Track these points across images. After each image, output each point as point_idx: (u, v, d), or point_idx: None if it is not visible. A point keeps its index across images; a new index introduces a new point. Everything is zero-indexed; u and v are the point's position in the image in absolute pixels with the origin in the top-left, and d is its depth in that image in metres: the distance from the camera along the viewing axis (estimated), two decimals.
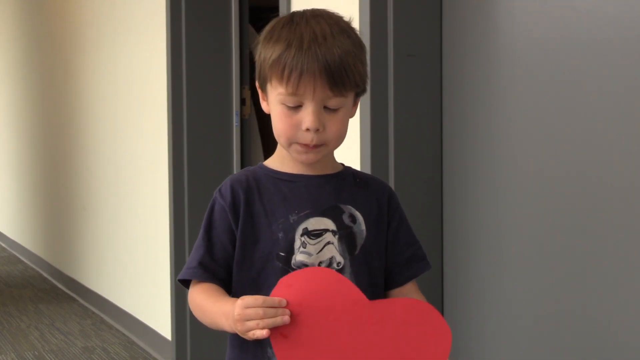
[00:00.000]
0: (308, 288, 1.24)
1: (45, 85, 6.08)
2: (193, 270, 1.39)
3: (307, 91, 1.31)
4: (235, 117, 3.71)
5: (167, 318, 3.80)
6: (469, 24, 2.19)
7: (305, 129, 1.33)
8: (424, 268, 1.48)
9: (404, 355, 1.26)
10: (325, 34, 1.33)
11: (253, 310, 1.23)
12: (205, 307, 1.36)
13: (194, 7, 3.63)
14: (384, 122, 2.23)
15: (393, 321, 1.26)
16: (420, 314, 1.28)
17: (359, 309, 1.26)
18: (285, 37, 1.33)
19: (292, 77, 1.31)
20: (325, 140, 1.35)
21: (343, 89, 1.33)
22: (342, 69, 1.32)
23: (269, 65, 1.34)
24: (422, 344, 1.27)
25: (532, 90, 1.99)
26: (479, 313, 2.18)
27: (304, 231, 1.37)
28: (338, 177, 1.43)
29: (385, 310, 1.27)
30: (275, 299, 1.24)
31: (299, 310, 1.24)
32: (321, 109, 1.33)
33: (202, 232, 1.41)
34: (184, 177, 3.65)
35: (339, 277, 1.29)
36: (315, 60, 1.30)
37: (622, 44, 1.76)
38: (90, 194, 5.06)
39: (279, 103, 1.35)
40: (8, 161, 7.40)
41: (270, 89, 1.37)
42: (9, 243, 7.35)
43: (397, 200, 1.48)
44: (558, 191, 1.94)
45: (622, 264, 1.77)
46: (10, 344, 4.16)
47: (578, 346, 1.89)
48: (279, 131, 1.36)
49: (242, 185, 1.40)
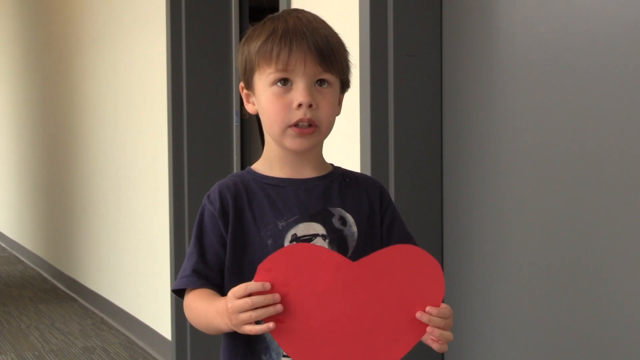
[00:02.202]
0: (288, 267, 1.22)
1: (46, 85, 6.08)
2: (188, 279, 1.37)
3: (298, 66, 1.33)
4: (235, 117, 3.71)
5: (167, 318, 3.80)
6: (469, 24, 2.19)
7: (297, 105, 1.33)
8: None
9: (403, 302, 1.25)
10: (309, 20, 1.37)
11: (242, 300, 1.21)
12: (199, 310, 1.33)
13: (194, 7, 3.63)
14: (384, 122, 2.23)
15: (382, 274, 1.25)
16: (406, 257, 1.26)
17: (345, 272, 1.24)
18: (267, 28, 1.36)
19: (281, 55, 1.32)
20: (318, 120, 1.35)
21: (331, 65, 1.35)
22: (329, 46, 1.35)
23: (255, 53, 1.35)
24: (416, 285, 1.25)
25: (532, 90, 1.99)
26: (479, 313, 2.18)
27: (293, 237, 1.36)
28: (327, 179, 1.42)
29: (371, 266, 1.25)
30: (259, 284, 1.21)
31: (287, 291, 1.21)
32: (312, 86, 1.34)
33: (194, 239, 1.39)
34: (184, 177, 3.66)
35: (314, 247, 1.27)
36: (303, 37, 1.33)
37: (623, 43, 1.76)
38: (90, 194, 5.06)
39: (269, 86, 1.35)
40: (8, 161, 7.40)
41: (257, 78, 1.37)
42: (9, 243, 7.36)
43: (388, 197, 1.47)
44: (558, 191, 1.94)
45: (623, 263, 1.78)
46: (10, 344, 4.16)
47: (578, 346, 1.89)
48: (272, 117, 1.35)
49: (231, 190, 1.39)
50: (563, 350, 1.93)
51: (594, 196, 1.84)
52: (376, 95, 2.22)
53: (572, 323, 1.90)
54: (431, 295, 1.26)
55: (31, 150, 6.54)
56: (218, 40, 3.68)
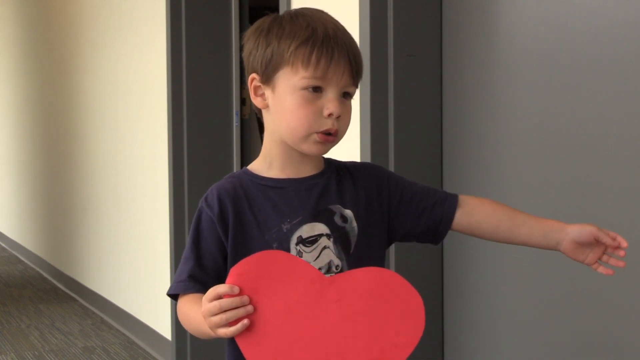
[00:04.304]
0: (260, 274, 1.18)
1: (45, 85, 6.08)
2: (184, 284, 1.35)
3: (335, 76, 1.31)
4: (235, 117, 3.71)
5: (167, 318, 3.80)
6: (469, 24, 2.19)
7: (327, 114, 1.31)
8: (454, 202, 1.44)
9: (377, 330, 1.18)
10: (341, 27, 1.36)
11: (211, 304, 1.19)
12: (190, 315, 1.32)
13: (194, 7, 3.63)
14: (384, 122, 2.23)
15: (356, 295, 1.19)
16: (383, 283, 1.20)
17: (319, 287, 1.19)
18: (304, 26, 1.32)
19: (322, 61, 1.30)
20: (340, 130, 1.34)
21: (359, 78, 1.36)
22: (360, 59, 1.35)
23: (290, 52, 1.31)
24: (393, 315, 1.18)
25: (532, 90, 1.99)
26: (479, 313, 2.18)
27: (299, 239, 1.34)
28: (324, 176, 1.41)
29: (345, 285, 1.19)
30: (226, 286, 1.19)
31: (257, 298, 1.18)
32: (340, 97, 1.33)
33: (190, 243, 1.37)
34: (184, 177, 3.66)
35: (290, 257, 1.25)
36: (344, 47, 1.32)
37: (623, 43, 1.76)
38: (90, 193, 5.06)
39: (300, 89, 1.31)
40: (8, 161, 7.40)
41: (284, 77, 1.33)
42: (9, 243, 7.35)
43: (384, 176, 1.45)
44: (558, 190, 1.94)
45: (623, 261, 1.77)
46: (10, 344, 4.16)
47: (578, 345, 1.89)
48: (298, 120, 1.32)
49: (230, 194, 1.37)
50: (563, 350, 1.93)
51: (594, 195, 1.84)
52: (376, 95, 2.21)
53: (571, 323, 1.90)
54: (409, 329, 1.19)
55: (31, 150, 6.54)
56: (218, 40, 3.68)
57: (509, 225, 1.41)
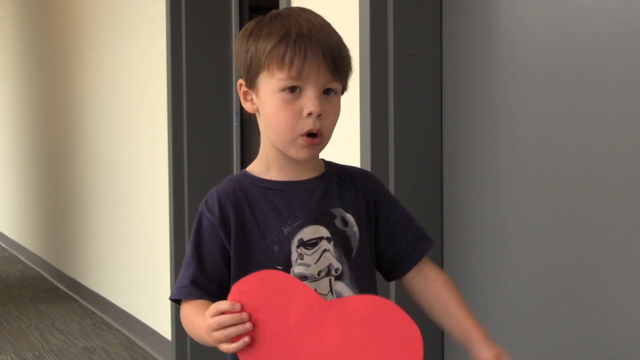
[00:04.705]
0: (262, 293, 1.20)
1: (45, 85, 6.08)
2: (186, 290, 1.35)
3: (311, 74, 1.30)
4: (235, 117, 3.71)
5: (167, 318, 3.80)
6: (469, 24, 2.19)
7: (307, 113, 1.30)
8: (426, 247, 1.45)
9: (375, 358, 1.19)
10: (321, 24, 1.34)
11: (212, 319, 1.21)
12: (194, 323, 1.31)
13: (194, 7, 3.63)
14: (384, 122, 2.23)
15: (355, 321, 1.20)
16: (382, 313, 1.21)
17: (317, 310, 1.20)
18: (279, 28, 1.32)
19: (295, 60, 1.29)
20: (324, 129, 1.33)
21: (341, 74, 1.33)
22: (340, 54, 1.33)
23: (265, 54, 1.31)
24: (391, 345, 1.19)
25: (532, 90, 1.99)
26: (479, 313, 2.18)
27: (300, 242, 1.34)
28: (324, 179, 1.40)
29: (344, 310, 1.21)
30: (228, 303, 1.20)
31: (258, 316, 1.19)
32: (321, 94, 1.32)
33: (192, 248, 1.37)
34: (184, 177, 3.66)
35: (291, 278, 1.25)
36: (318, 44, 1.30)
37: (623, 43, 1.76)
38: (90, 194, 5.06)
39: (278, 91, 1.31)
40: (8, 161, 7.40)
41: (263, 81, 1.33)
42: (9, 243, 7.36)
43: (383, 190, 1.45)
44: (559, 190, 1.94)
45: (623, 262, 1.77)
46: (10, 344, 4.16)
47: (578, 345, 1.89)
48: (280, 124, 1.32)
49: (230, 197, 1.36)
50: (563, 350, 1.93)
51: (593, 196, 1.84)
52: (376, 95, 2.21)
53: (571, 323, 1.90)
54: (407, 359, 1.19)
55: (31, 150, 6.54)
56: (218, 40, 3.68)
57: (441, 312, 1.42)
